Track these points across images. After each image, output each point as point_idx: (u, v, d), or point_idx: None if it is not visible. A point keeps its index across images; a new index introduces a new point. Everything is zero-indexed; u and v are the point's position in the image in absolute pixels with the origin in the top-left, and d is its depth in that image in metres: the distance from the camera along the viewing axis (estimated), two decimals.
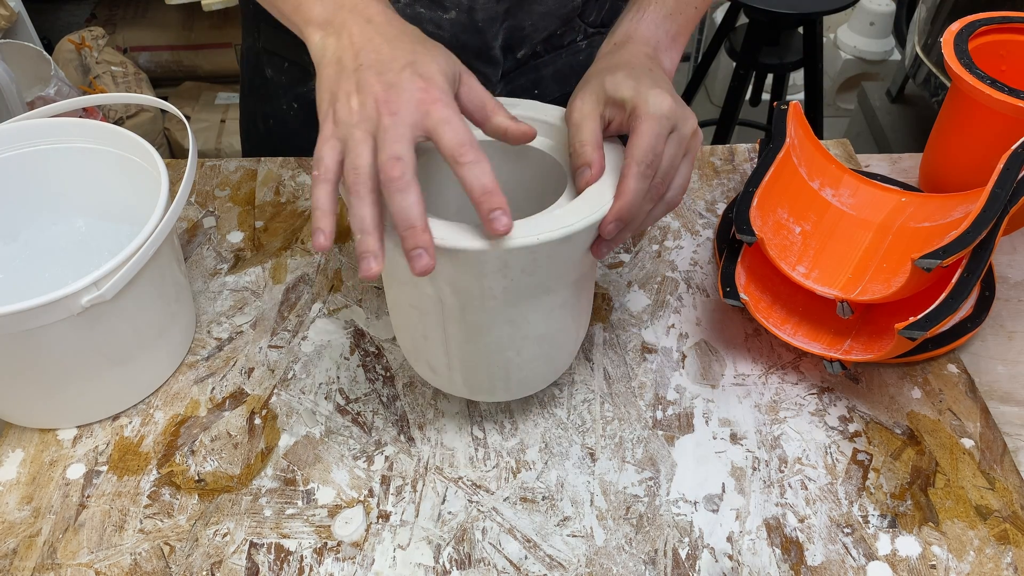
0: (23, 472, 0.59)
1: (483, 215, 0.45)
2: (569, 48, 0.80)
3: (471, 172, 0.44)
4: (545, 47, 0.79)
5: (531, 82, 0.80)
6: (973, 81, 0.67)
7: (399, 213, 0.44)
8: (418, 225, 0.44)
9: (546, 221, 0.47)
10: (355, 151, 0.45)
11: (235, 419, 0.62)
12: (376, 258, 0.44)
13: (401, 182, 0.43)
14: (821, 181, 0.73)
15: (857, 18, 2.20)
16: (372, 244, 0.44)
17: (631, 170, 0.48)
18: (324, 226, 0.45)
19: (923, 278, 0.58)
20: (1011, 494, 0.56)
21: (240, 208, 0.79)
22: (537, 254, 0.47)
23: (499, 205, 0.44)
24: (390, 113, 0.44)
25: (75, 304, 0.52)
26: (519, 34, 0.75)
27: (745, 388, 0.64)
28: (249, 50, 0.86)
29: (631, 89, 0.51)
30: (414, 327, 0.56)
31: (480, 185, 0.44)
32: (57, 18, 2.25)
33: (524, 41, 0.76)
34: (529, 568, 0.53)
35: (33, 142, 0.65)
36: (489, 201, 0.44)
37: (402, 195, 0.43)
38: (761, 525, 0.55)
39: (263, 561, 0.54)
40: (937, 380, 0.64)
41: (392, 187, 0.44)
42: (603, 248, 0.50)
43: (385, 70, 0.46)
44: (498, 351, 0.54)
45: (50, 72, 1.58)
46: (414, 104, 0.45)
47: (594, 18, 0.79)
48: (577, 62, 0.81)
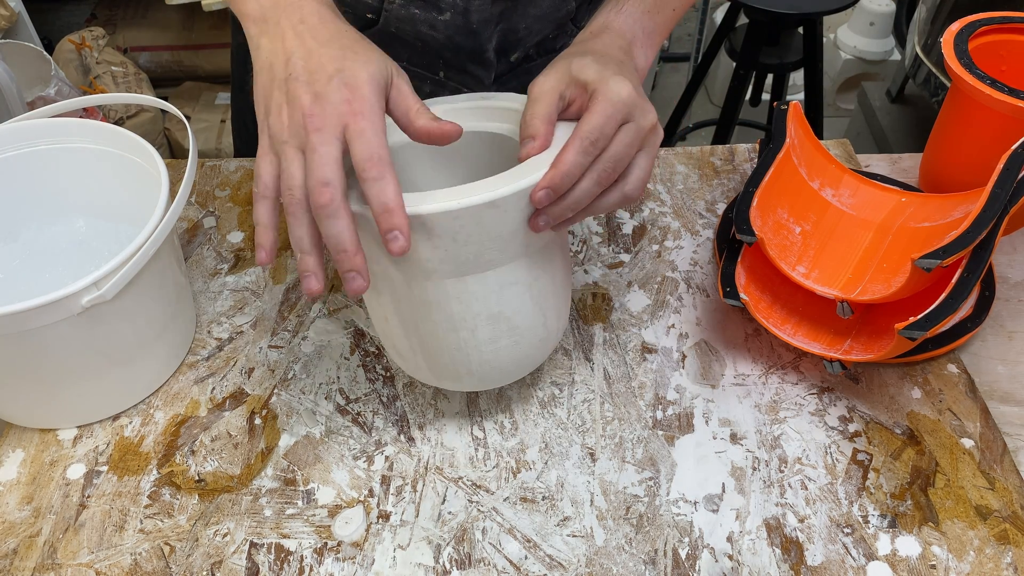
0: (23, 472, 0.59)
1: (382, 233, 0.44)
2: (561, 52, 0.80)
3: (372, 188, 0.44)
4: (538, 50, 0.79)
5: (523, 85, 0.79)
6: (973, 81, 0.67)
7: (330, 239, 0.44)
8: (349, 249, 0.44)
9: (473, 188, 0.47)
10: (287, 171, 0.45)
11: (235, 419, 0.62)
12: (316, 276, 0.45)
13: (330, 208, 0.44)
14: (821, 181, 0.73)
15: (857, 18, 2.20)
16: (311, 263, 0.46)
17: (572, 143, 0.48)
18: (265, 242, 0.47)
19: (923, 278, 0.58)
20: (1011, 494, 0.56)
21: (240, 208, 0.79)
22: (462, 219, 0.47)
23: (397, 225, 0.44)
24: (315, 129, 0.44)
25: (75, 304, 0.52)
26: (513, 37, 0.75)
27: (745, 388, 0.64)
28: (239, 47, 0.86)
29: (596, 73, 0.51)
30: (376, 311, 0.56)
31: (380, 203, 0.44)
32: (57, 18, 2.25)
33: (518, 44, 0.76)
34: (529, 568, 0.53)
35: (33, 142, 0.65)
36: (388, 220, 0.44)
37: (332, 221, 0.44)
38: (761, 525, 0.55)
39: (263, 561, 0.54)
40: (937, 380, 0.64)
41: (322, 214, 0.44)
42: (540, 220, 0.49)
43: (313, 80, 0.46)
44: (451, 330, 0.53)
45: (50, 72, 1.58)
46: (337, 117, 0.45)
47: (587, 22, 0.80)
48: None
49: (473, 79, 0.76)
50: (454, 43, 0.72)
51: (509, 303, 0.53)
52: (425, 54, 0.74)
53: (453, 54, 0.74)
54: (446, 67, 0.75)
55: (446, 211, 0.46)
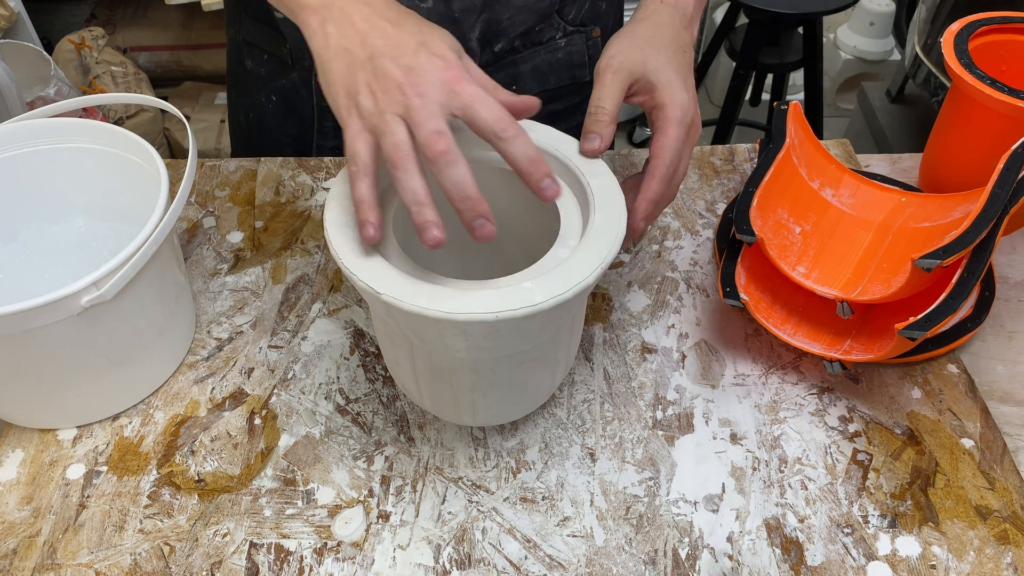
0: (23, 472, 0.59)
1: (534, 184, 0.45)
2: (547, 45, 0.80)
3: (515, 146, 0.44)
4: (523, 42, 0.79)
5: (510, 77, 0.80)
6: (973, 81, 0.67)
7: (453, 186, 0.44)
8: (473, 196, 0.44)
9: (511, 295, 0.45)
10: (390, 131, 0.44)
11: (235, 419, 0.62)
12: (439, 227, 0.44)
13: (449, 155, 0.43)
14: (821, 181, 0.73)
15: (857, 18, 2.20)
16: (431, 214, 0.44)
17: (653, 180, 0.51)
18: (372, 217, 0.45)
19: (923, 278, 0.58)
20: (1011, 494, 0.56)
21: (240, 208, 0.79)
22: (498, 328, 0.46)
23: (548, 172, 0.45)
24: (418, 95, 0.44)
25: (75, 304, 0.52)
26: (496, 27, 0.75)
27: (745, 388, 0.64)
28: (232, 42, 0.86)
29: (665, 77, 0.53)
30: (388, 349, 0.56)
31: (526, 156, 0.45)
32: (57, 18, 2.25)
33: (501, 35, 0.76)
34: (529, 568, 0.53)
35: (33, 142, 0.65)
36: (537, 170, 0.45)
37: (453, 168, 0.43)
38: (761, 525, 0.55)
39: (263, 561, 0.54)
40: (937, 380, 0.64)
41: (441, 161, 0.43)
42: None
43: (399, 54, 0.45)
44: (463, 392, 0.54)
45: (50, 72, 1.58)
46: (439, 84, 0.45)
47: (573, 16, 0.79)
48: (556, 59, 0.81)
49: None
50: None
51: (523, 375, 0.53)
52: None
53: None
54: None
55: (482, 321, 0.45)
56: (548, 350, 0.53)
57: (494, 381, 0.53)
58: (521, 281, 0.47)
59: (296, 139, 0.86)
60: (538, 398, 0.58)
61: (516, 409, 0.58)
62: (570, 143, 0.55)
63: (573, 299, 0.46)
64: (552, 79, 0.82)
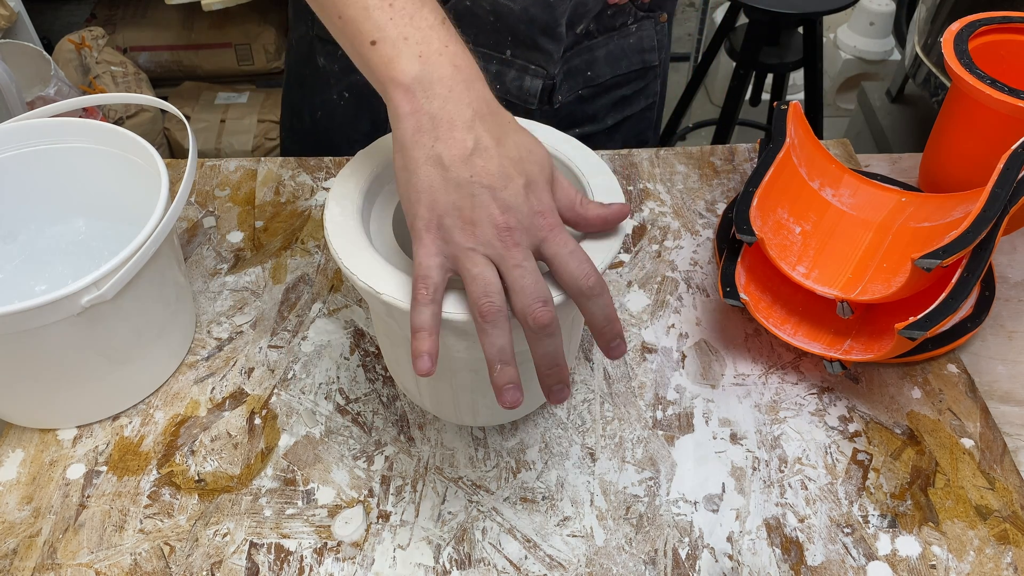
0: (23, 472, 0.59)
1: (604, 342, 0.45)
2: (620, 31, 0.82)
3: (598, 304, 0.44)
4: (598, 27, 0.80)
5: (585, 63, 0.82)
6: (973, 81, 0.67)
7: (546, 357, 0.44)
8: (561, 364, 0.44)
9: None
10: (483, 279, 0.43)
11: (235, 419, 0.62)
12: (520, 388, 0.44)
13: (552, 327, 0.43)
14: (821, 181, 0.73)
15: (857, 18, 2.20)
16: (514, 374, 0.43)
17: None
18: (430, 348, 0.42)
19: (923, 278, 0.58)
20: (1011, 494, 0.56)
21: (240, 208, 0.79)
22: None
23: (620, 332, 0.45)
24: (515, 244, 0.43)
25: (75, 304, 0.52)
26: (582, 9, 0.76)
27: (745, 388, 0.64)
28: (300, 40, 0.86)
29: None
30: (388, 349, 0.56)
31: (605, 316, 0.44)
32: (57, 18, 2.25)
33: (584, 17, 0.77)
34: (529, 568, 0.53)
35: (33, 142, 0.65)
36: (611, 330, 0.45)
37: (551, 340, 0.43)
38: (761, 525, 0.55)
39: (263, 561, 0.54)
40: (937, 380, 0.64)
41: (543, 333, 0.43)
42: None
43: (499, 187, 0.43)
44: (463, 392, 0.54)
45: (50, 72, 1.58)
46: (534, 231, 0.44)
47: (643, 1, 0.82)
48: (627, 44, 0.83)
49: (542, 55, 0.77)
50: (529, 15, 0.73)
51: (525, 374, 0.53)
52: (495, 31, 0.75)
53: (526, 27, 0.74)
54: (514, 44, 0.76)
55: None
56: None
57: None
58: None
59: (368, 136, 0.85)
60: (538, 398, 0.58)
61: (516, 409, 0.58)
62: (570, 143, 0.55)
63: (565, 302, 0.46)
64: (624, 64, 0.85)
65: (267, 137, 2.03)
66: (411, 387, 0.57)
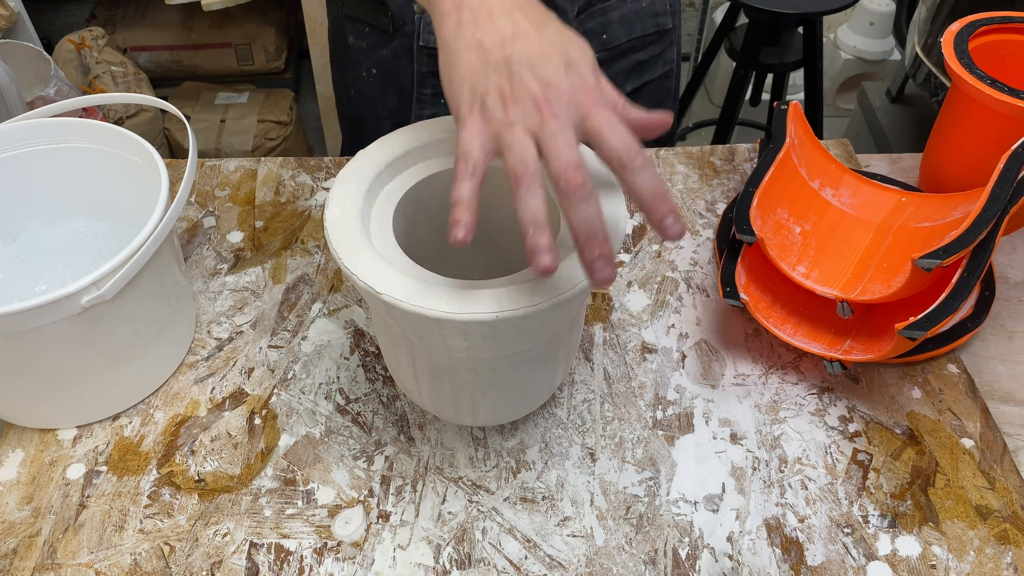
0: (23, 472, 0.59)
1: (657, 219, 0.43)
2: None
3: (642, 176, 0.42)
4: None
5: (600, 25, 0.83)
6: (973, 81, 0.67)
7: (583, 223, 0.42)
8: (601, 235, 0.42)
9: (511, 294, 0.45)
10: (520, 145, 0.43)
11: (235, 419, 0.62)
12: (554, 253, 0.42)
13: (585, 190, 0.42)
14: (821, 181, 0.73)
15: (857, 18, 2.20)
16: (548, 239, 0.42)
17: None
18: (467, 220, 0.42)
19: (923, 278, 0.58)
20: (1011, 494, 0.56)
21: (240, 208, 0.79)
22: (498, 328, 0.45)
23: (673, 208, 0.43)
24: (553, 115, 0.43)
25: (75, 304, 0.52)
26: None
27: (745, 388, 0.64)
28: (334, 19, 0.87)
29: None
30: (388, 349, 0.56)
31: (651, 189, 0.42)
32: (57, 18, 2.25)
33: None
34: (529, 568, 0.53)
35: (33, 142, 0.65)
36: (662, 205, 0.42)
37: (586, 203, 0.42)
38: (761, 525, 0.55)
39: (263, 561, 0.54)
40: (937, 380, 0.64)
41: (577, 195, 0.42)
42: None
43: (538, 65, 0.44)
44: (463, 392, 0.54)
45: (50, 72, 1.58)
46: (575, 105, 0.43)
47: None
48: (640, 8, 0.84)
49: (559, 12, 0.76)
50: None
51: (523, 375, 0.53)
52: None
53: None
54: None
55: (482, 321, 0.44)
56: (548, 350, 0.53)
57: (494, 381, 0.53)
58: (521, 281, 0.47)
59: (395, 111, 0.86)
60: (538, 398, 0.58)
61: (516, 409, 0.58)
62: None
63: (573, 299, 0.46)
64: (639, 27, 0.85)
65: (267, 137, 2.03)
66: (411, 387, 0.57)
